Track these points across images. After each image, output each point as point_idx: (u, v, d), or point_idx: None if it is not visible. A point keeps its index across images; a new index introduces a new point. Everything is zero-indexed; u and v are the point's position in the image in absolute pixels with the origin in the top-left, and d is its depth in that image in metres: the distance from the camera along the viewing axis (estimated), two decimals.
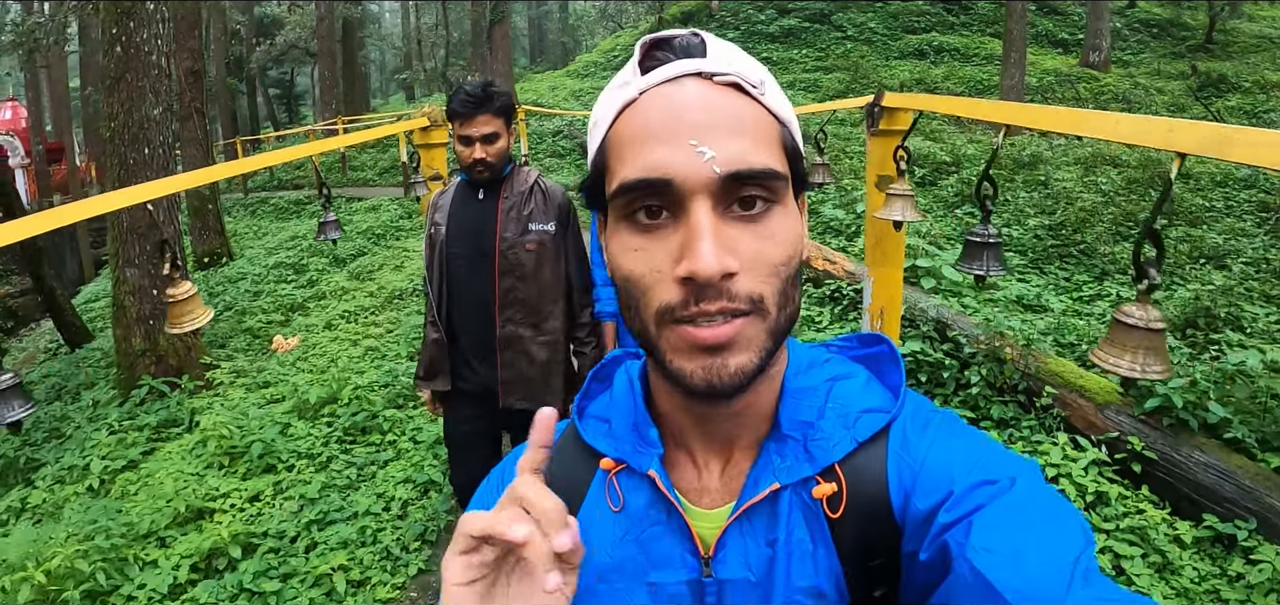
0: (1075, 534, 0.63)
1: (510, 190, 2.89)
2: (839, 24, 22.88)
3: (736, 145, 0.66)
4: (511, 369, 2.91)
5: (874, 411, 0.77)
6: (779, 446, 0.77)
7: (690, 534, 0.77)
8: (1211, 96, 17.63)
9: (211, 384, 6.76)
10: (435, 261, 2.93)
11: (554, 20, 53.24)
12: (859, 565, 0.74)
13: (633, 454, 0.81)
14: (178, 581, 3.63)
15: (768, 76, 0.72)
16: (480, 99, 2.75)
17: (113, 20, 6.50)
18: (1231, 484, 3.28)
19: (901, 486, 0.73)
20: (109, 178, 6.83)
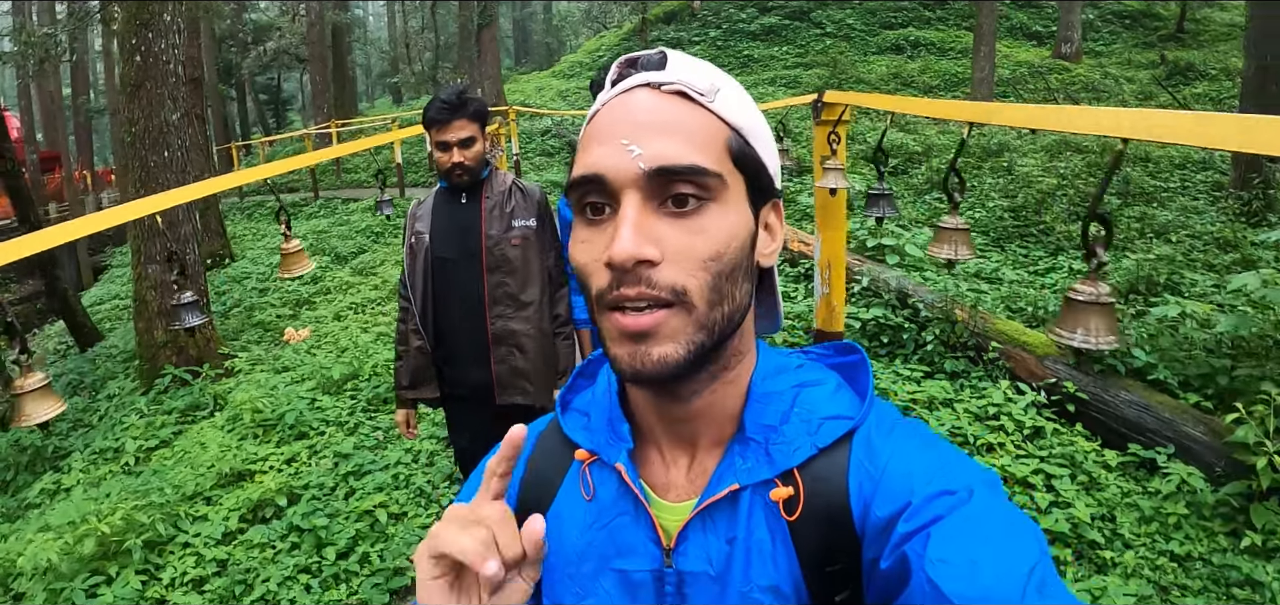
0: (1030, 545, 0.64)
1: (491, 191, 2.97)
2: (818, 21, 23.38)
3: (665, 144, 0.70)
4: (505, 364, 2.97)
5: (838, 418, 0.79)
6: (742, 448, 0.80)
7: (653, 525, 0.81)
8: (1179, 84, 18.17)
9: (232, 371, 7.20)
10: (418, 269, 2.96)
11: (538, 21, 53.58)
12: (818, 569, 0.76)
13: (604, 446, 0.85)
14: (229, 529, 4.08)
15: (726, 86, 0.77)
16: (455, 105, 2.82)
17: (131, 31, 6.91)
18: (1153, 417, 3.80)
19: (861, 494, 0.74)
20: (131, 180, 7.25)
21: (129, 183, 7.29)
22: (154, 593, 3.71)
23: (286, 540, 3.92)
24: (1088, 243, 2.22)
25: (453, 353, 3.03)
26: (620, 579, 0.82)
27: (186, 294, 3.36)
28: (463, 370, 3.02)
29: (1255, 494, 3.22)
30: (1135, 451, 3.71)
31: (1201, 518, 3.29)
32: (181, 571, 3.81)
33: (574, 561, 0.85)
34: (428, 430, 4.83)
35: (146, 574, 3.84)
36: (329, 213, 15.63)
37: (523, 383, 2.99)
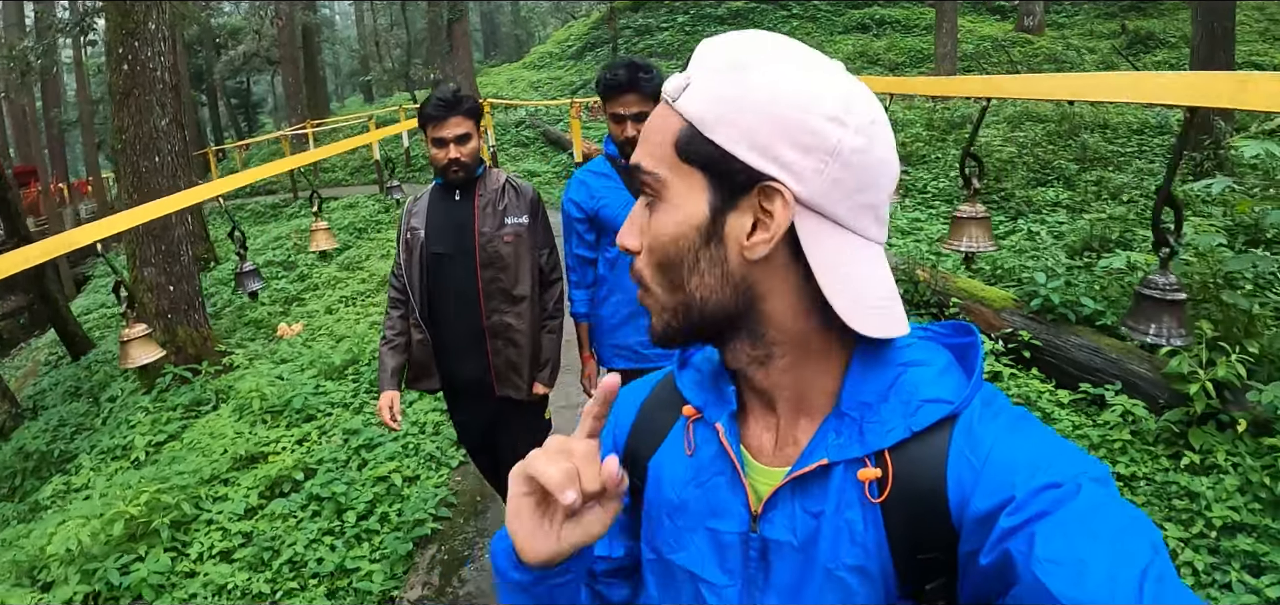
0: (1142, 544, 0.62)
1: (484, 189, 3.05)
2: (785, 3, 23.67)
3: (641, 149, 0.81)
4: (500, 356, 3.06)
5: (938, 402, 0.77)
6: (838, 423, 0.79)
7: (744, 490, 0.83)
8: (1140, 52, 18.68)
9: (231, 367, 7.42)
10: (415, 264, 3.04)
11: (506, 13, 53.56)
12: (909, 555, 0.75)
13: (709, 405, 0.88)
14: (251, 505, 4.35)
15: (694, 79, 0.78)
16: (451, 102, 2.91)
17: (118, 40, 7.06)
18: (1101, 358, 4.16)
19: (960, 484, 0.73)
20: (123, 186, 7.42)
21: (122, 189, 7.47)
22: (184, 567, 3.96)
23: (307, 509, 4.19)
24: (1158, 228, 2.44)
25: (449, 346, 3.11)
26: (711, 537, 0.85)
27: (247, 263, 4.00)
28: (460, 363, 3.11)
29: (1192, 419, 3.58)
30: (1086, 389, 4.06)
31: (1145, 443, 3.65)
32: (209, 546, 4.06)
33: (672, 513, 0.89)
34: (432, 403, 5.11)
35: (175, 551, 4.08)
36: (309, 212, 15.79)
37: (514, 376, 3.08)
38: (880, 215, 0.79)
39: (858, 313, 0.77)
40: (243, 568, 3.84)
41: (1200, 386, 3.48)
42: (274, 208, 17.35)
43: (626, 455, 0.97)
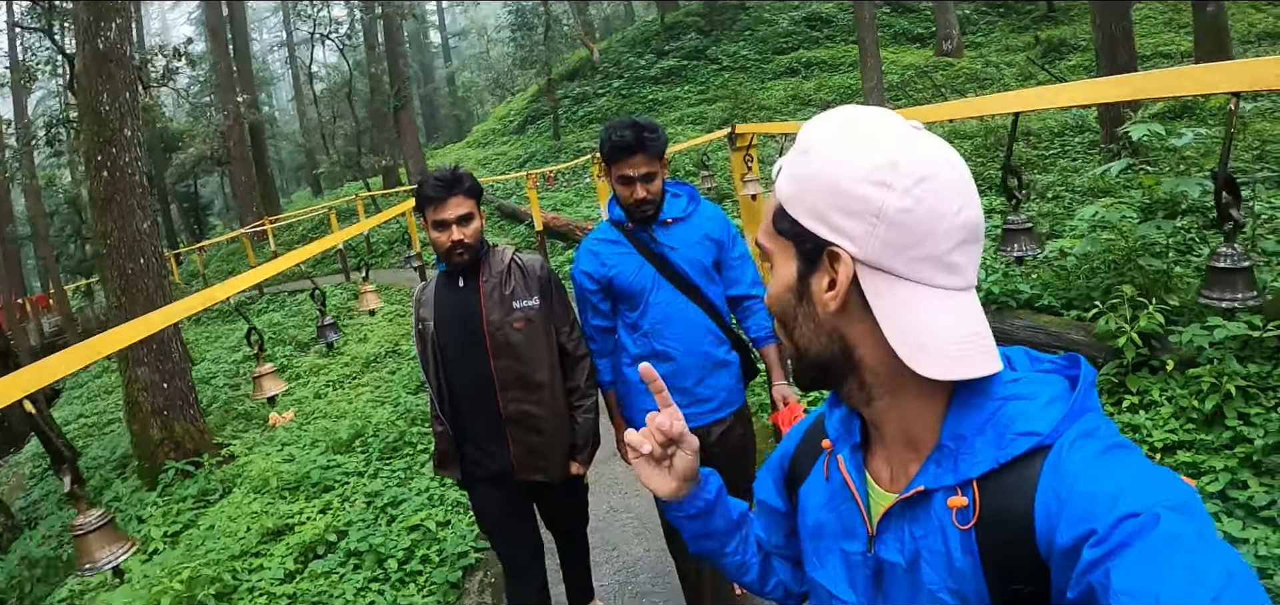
0: (1216, 572, 0.63)
1: (488, 272, 2.92)
2: (714, 57, 24.50)
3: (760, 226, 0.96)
4: (522, 445, 2.96)
5: (1028, 434, 0.80)
6: (938, 455, 0.86)
7: (861, 514, 0.95)
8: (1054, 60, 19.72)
9: (232, 458, 7.67)
10: (429, 355, 2.94)
11: (444, 95, 54.26)
12: (1002, 584, 0.79)
13: (839, 439, 1.01)
14: (288, 570, 4.64)
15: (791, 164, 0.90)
16: (450, 181, 2.78)
17: (97, 149, 7.30)
18: (1044, 334, 4.69)
19: (1047, 515, 0.76)
20: (110, 289, 7.65)
21: (109, 292, 7.68)
22: None
23: (346, 564, 4.50)
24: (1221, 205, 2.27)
25: (470, 434, 3.01)
26: (843, 557, 0.98)
27: (327, 318, 4.32)
28: (481, 451, 3.01)
29: (1127, 367, 4.11)
30: None
31: None
32: None
33: (812, 535, 1.05)
34: None
35: None
36: (278, 306, 16.00)
37: (540, 461, 2.99)
38: (949, 263, 0.83)
39: (921, 357, 0.82)
40: None
41: (1127, 338, 4.01)
42: (242, 303, 17.47)
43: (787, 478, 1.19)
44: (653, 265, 2.93)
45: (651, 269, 2.93)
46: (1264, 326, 3.92)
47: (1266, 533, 3.15)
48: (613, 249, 2.97)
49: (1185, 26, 15.01)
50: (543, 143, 24.36)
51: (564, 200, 16.83)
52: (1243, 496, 3.32)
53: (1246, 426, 3.67)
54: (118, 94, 7.29)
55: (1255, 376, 3.86)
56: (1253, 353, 4.00)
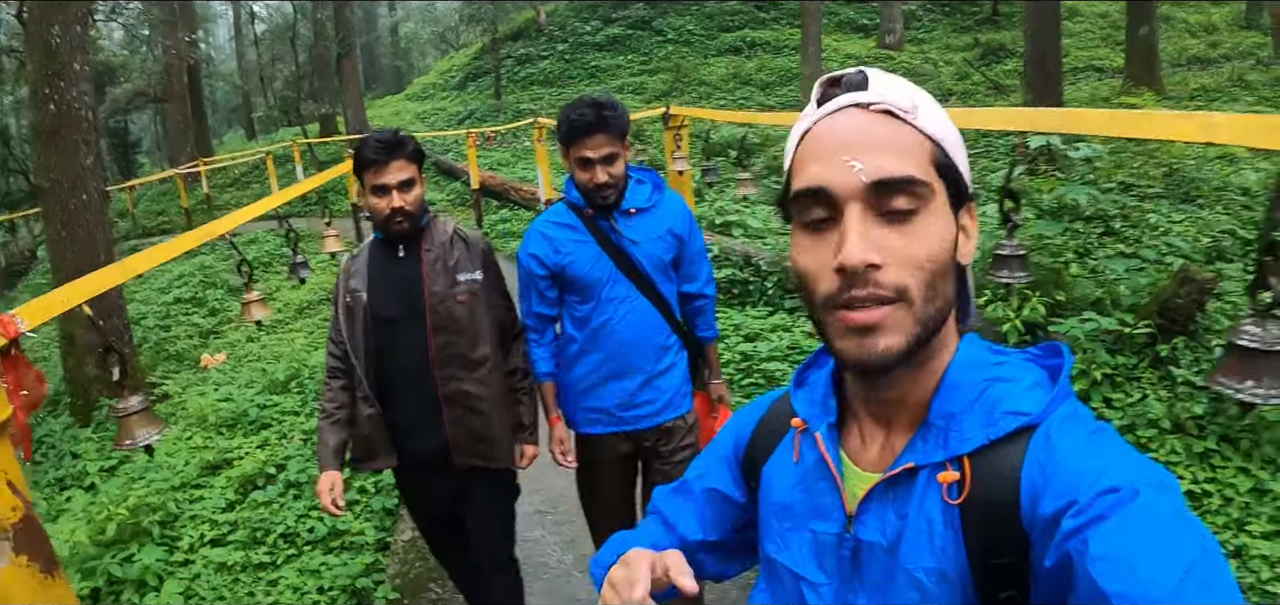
0: (1192, 545, 0.67)
1: (431, 242, 2.77)
2: (660, 29, 24.83)
3: (882, 159, 0.80)
4: (459, 426, 2.78)
5: (1017, 413, 0.83)
6: (925, 431, 0.87)
7: (840, 493, 0.93)
8: (991, 63, 20.50)
9: (166, 396, 7.78)
10: (359, 331, 2.73)
11: (386, 45, 53.33)
12: (984, 559, 0.81)
13: (813, 417, 0.99)
14: (230, 499, 4.88)
15: (922, 102, 0.85)
16: (392, 144, 2.62)
17: (44, 81, 7.22)
18: None
19: (1032, 490, 0.79)
20: (51, 223, 7.66)
21: (50, 227, 7.68)
22: (178, 557, 4.46)
23: (287, 494, 4.76)
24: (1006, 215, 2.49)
25: (401, 418, 2.81)
26: (812, 538, 0.94)
27: (298, 256, 4.37)
28: (414, 436, 2.82)
29: None
30: None
31: None
32: (199, 536, 4.56)
33: (779, 515, 1.00)
34: None
35: (166, 545, 4.57)
36: (209, 249, 15.84)
37: (480, 445, 2.82)
38: None
39: (971, 307, 0.93)
40: (238, 547, 4.38)
41: (1011, 325, 4.49)
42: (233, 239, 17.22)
43: (744, 462, 1.10)
44: (611, 257, 2.75)
45: (609, 262, 2.75)
46: (1134, 325, 4.43)
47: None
48: (568, 235, 2.78)
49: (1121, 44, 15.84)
50: (483, 101, 24.39)
51: (501, 160, 16.99)
52: None
53: (1108, 410, 4.18)
54: (69, 27, 7.24)
55: (1122, 367, 4.37)
56: (1123, 346, 4.52)
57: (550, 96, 22.68)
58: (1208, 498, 3.60)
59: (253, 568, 4.19)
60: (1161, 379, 4.26)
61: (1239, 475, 3.65)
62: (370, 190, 2.66)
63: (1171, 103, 13.70)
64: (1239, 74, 15.38)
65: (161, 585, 4.12)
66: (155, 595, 3.98)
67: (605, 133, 2.62)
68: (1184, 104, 13.60)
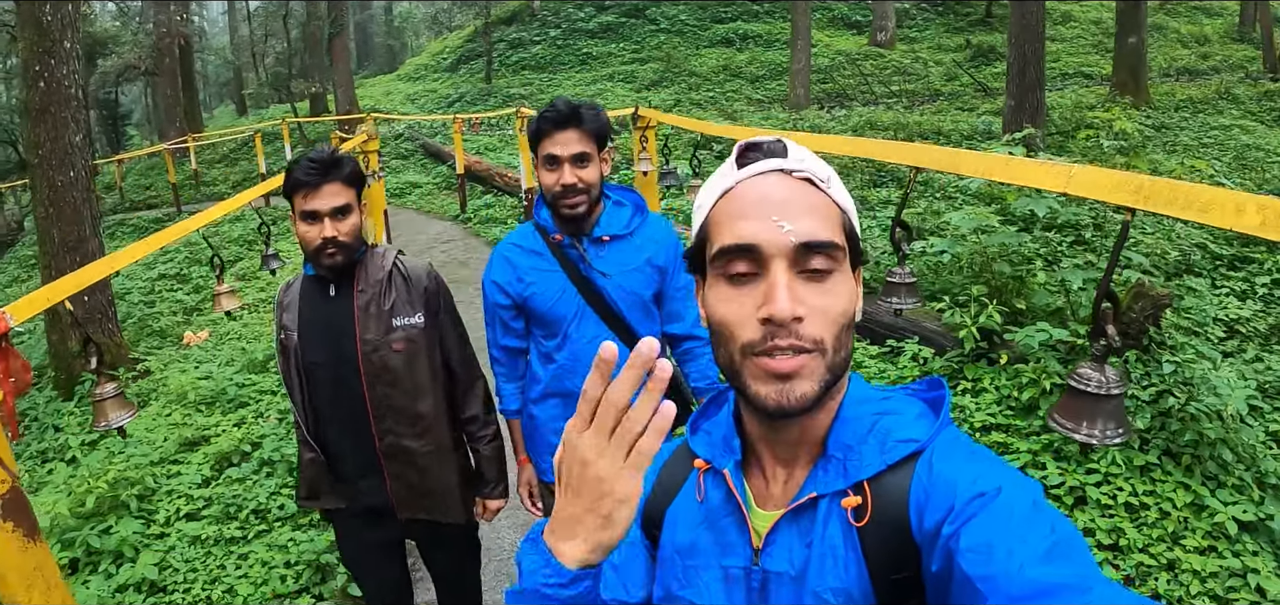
0: (1045, 529, 0.76)
1: (365, 279, 2.46)
2: (652, 17, 24.95)
3: (808, 222, 0.88)
4: (401, 481, 2.53)
5: (907, 441, 0.92)
6: (825, 463, 0.95)
7: (748, 528, 0.98)
8: (981, 65, 20.65)
9: (147, 372, 7.88)
10: (293, 372, 2.47)
11: (379, 23, 53.21)
12: (885, 576, 0.89)
13: (717, 457, 1.04)
14: (206, 476, 5.00)
15: (833, 175, 0.94)
16: (328, 164, 2.31)
17: (35, 58, 7.35)
18: (904, 320, 5.31)
19: (918, 505, 0.88)
20: (38, 199, 7.75)
21: (36, 202, 7.76)
22: (155, 530, 4.58)
23: (260, 472, 4.88)
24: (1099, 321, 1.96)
25: (340, 467, 2.55)
26: (721, 573, 0.99)
27: (270, 248, 4.43)
28: (354, 486, 2.57)
29: (967, 357, 4.74)
30: (891, 343, 5.21)
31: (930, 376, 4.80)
32: (174, 510, 4.69)
33: (684, 554, 1.03)
34: None
35: (143, 518, 4.69)
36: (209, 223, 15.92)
37: (425, 500, 2.57)
38: None
39: None
40: (212, 522, 4.51)
41: (968, 331, 4.64)
42: (155, 221, 17.29)
43: (646, 516, 1.12)
44: (579, 291, 2.47)
45: (576, 296, 2.47)
46: (1086, 336, 4.57)
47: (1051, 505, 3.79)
48: (533, 262, 2.50)
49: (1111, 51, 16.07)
50: (474, 84, 24.46)
51: (488, 145, 17.08)
52: (1038, 476, 3.93)
53: None
54: (60, 5, 7.34)
55: None
56: (1076, 357, 4.68)
57: (541, 81, 22.76)
58: (1145, 510, 3.68)
59: (225, 541, 4.31)
60: None
61: (1178, 489, 3.72)
62: (299, 215, 2.34)
63: (1157, 112, 13.89)
64: (1227, 87, 15.57)
65: (137, 556, 4.24)
66: (131, 566, 4.09)
67: (578, 128, 2.34)
68: (1169, 114, 13.80)
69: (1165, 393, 4.06)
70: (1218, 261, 6.65)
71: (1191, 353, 4.53)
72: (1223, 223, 1.40)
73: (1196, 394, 3.97)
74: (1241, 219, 1.36)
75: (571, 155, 2.33)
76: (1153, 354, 4.48)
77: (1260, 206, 1.33)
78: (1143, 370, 4.36)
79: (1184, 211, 1.49)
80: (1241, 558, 3.36)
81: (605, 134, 2.41)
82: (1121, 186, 1.66)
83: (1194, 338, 5.08)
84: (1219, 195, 1.44)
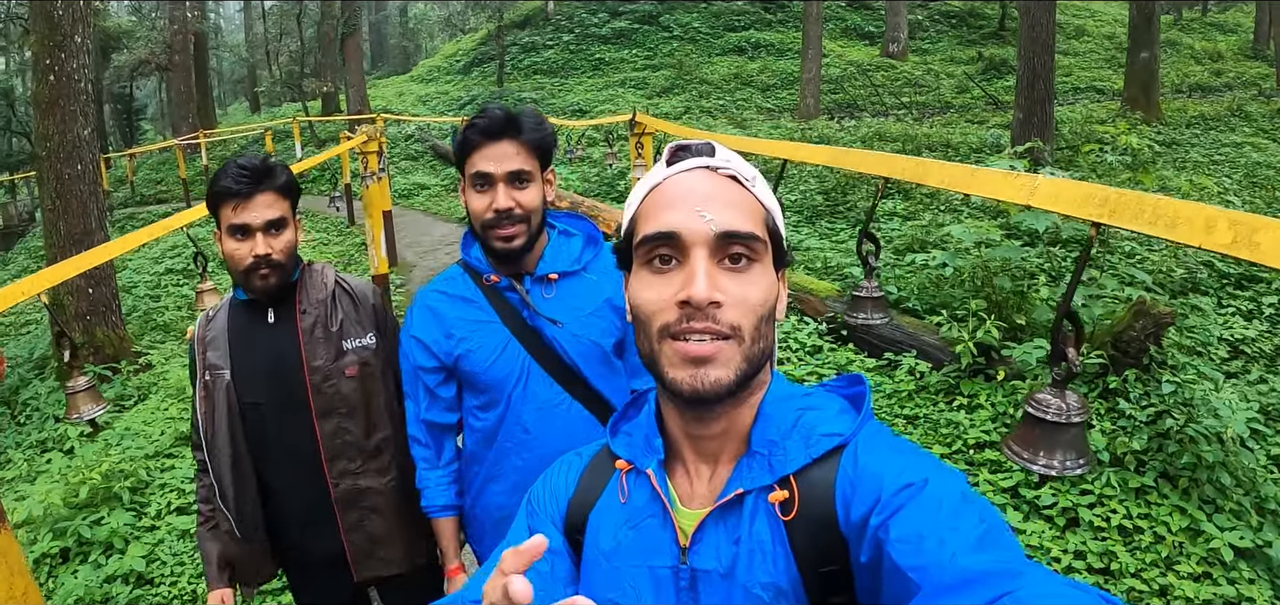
0: (974, 518, 0.78)
1: (306, 300, 2.16)
2: (666, 24, 25.01)
3: (729, 215, 0.91)
4: (359, 532, 2.24)
5: (831, 435, 0.94)
6: (749, 460, 0.95)
7: (673, 527, 0.98)
8: (993, 78, 20.60)
9: (149, 366, 7.90)
10: (221, 418, 2.12)
11: (394, 25, 53.45)
12: (814, 569, 0.90)
13: (639, 457, 1.04)
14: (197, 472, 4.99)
15: (758, 175, 0.97)
16: (260, 172, 2.04)
17: (45, 51, 7.40)
18: (902, 333, 5.28)
19: (844, 497, 0.89)
20: (45, 191, 7.79)
21: (43, 194, 7.81)
22: (145, 523, 4.59)
23: None
24: (1057, 344, 1.87)
25: (286, 519, 2.25)
26: (647, 573, 0.98)
27: None
28: (303, 540, 2.27)
29: (964, 372, 4.70)
30: (888, 357, 5.18)
31: (927, 392, 4.76)
32: (166, 503, 4.69)
33: (610, 556, 1.02)
34: None
35: (135, 510, 4.69)
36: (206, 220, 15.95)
37: (383, 551, 2.27)
38: None
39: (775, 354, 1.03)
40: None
41: (965, 346, 4.60)
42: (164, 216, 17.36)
43: (568, 520, 1.10)
44: (523, 345, 1.98)
45: (520, 351, 1.97)
46: (1087, 355, 4.53)
47: (1043, 527, 3.73)
48: (463, 312, 1.99)
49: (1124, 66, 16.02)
50: (486, 87, 24.52)
51: None
52: (1030, 495, 3.88)
53: None
54: (72, 1, 7.38)
55: None
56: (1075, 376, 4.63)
57: (552, 86, 22.79)
58: (1139, 534, 3.61)
59: None
60: (1109, 411, 4.36)
61: (1174, 513, 3.66)
62: (227, 230, 2.04)
63: (1168, 128, 13.82)
64: (1239, 104, 15.49)
65: (127, 548, 4.25)
66: (119, 557, 4.09)
67: (516, 139, 1.87)
68: (1180, 130, 13.72)
69: (1163, 413, 4.00)
70: (1224, 280, 6.59)
71: (1192, 373, 4.47)
72: (1192, 240, 1.36)
73: (1196, 415, 3.92)
74: (1212, 236, 1.31)
75: (507, 173, 1.86)
76: (1153, 373, 4.43)
77: (1232, 222, 1.28)
78: (1141, 390, 4.31)
79: (1151, 227, 1.45)
80: (1237, 585, 3.31)
81: (549, 150, 1.96)
82: (1087, 200, 1.62)
83: (1196, 358, 5.03)
84: (1188, 210, 1.40)
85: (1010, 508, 3.85)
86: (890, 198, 9.82)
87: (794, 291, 5.95)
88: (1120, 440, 4.01)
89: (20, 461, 6.34)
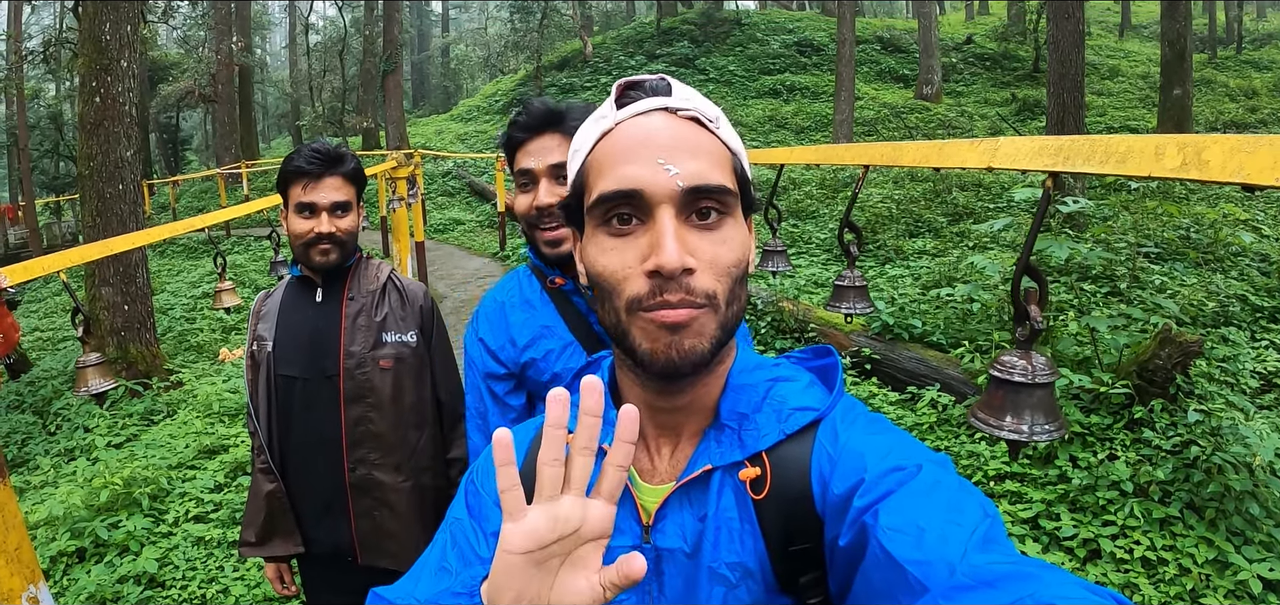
0: (974, 511, 0.71)
1: (356, 288, 2.28)
2: (702, 67, 25.14)
3: (696, 165, 0.81)
4: (368, 520, 2.28)
5: (805, 409, 0.88)
6: (717, 434, 0.89)
7: (635, 505, 0.91)
8: (1027, 119, 20.47)
9: (179, 384, 8.02)
10: (262, 387, 2.26)
11: (436, 64, 54.48)
12: (783, 548, 0.85)
13: None
14: (219, 482, 5.06)
15: (721, 115, 0.88)
16: (330, 156, 2.17)
17: (92, 74, 7.64)
18: (926, 367, 5.22)
19: (821, 475, 0.83)
20: (86, 210, 7.98)
21: (85, 213, 7.99)
22: (163, 528, 4.64)
23: None
24: (1018, 301, 1.83)
25: (301, 500, 2.31)
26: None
27: (280, 255, 4.52)
28: (314, 523, 2.33)
29: None
30: (912, 390, 5.11)
31: (948, 424, 4.69)
32: (184, 511, 4.75)
33: None
34: None
35: (153, 517, 4.76)
36: (243, 249, 16.29)
37: (389, 542, 2.30)
38: None
39: None
40: (217, 525, 4.54)
41: (986, 378, 4.53)
42: (204, 243, 17.74)
43: None
44: (587, 352, 1.80)
45: (583, 357, 1.81)
46: (1112, 384, 4.44)
47: (1063, 558, 3.65)
48: (526, 317, 1.82)
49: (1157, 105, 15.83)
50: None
51: None
52: (1050, 526, 3.79)
53: (1073, 468, 4.18)
54: (120, 26, 7.61)
55: (1095, 426, 4.38)
56: (1100, 405, 4.54)
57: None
58: (1163, 565, 3.51)
59: (227, 545, 4.34)
60: (1135, 441, 4.27)
61: (1201, 544, 3.56)
62: (294, 209, 2.17)
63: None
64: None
65: (141, 551, 4.30)
66: (133, 559, 4.14)
67: (558, 132, 1.71)
68: None
69: (1190, 443, 3.90)
70: (1258, 314, 6.43)
71: (1221, 402, 4.36)
72: (1142, 170, 1.33)
73: (1224, 444, 3.82)
74: (1161, 163, 1.29)
75: (548, 166, 1.69)
76: (1180, 403, 4.34)
77: (1180, 146, 1.26)
78: (1167, 419, 4.22)
79: (1103, 166, 1.42)
80: None
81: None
82: (1041, 152, 1.61)
83: (1226, 389, 4.91)
84: (1137, 143, 1.38)
85: (1029, 539, 3.77)
86: (919, 236, 9.78)
87: (817, 326, 5.92)
88: (1145, 470, 3.92)
89: (46, 467, 6.45)
